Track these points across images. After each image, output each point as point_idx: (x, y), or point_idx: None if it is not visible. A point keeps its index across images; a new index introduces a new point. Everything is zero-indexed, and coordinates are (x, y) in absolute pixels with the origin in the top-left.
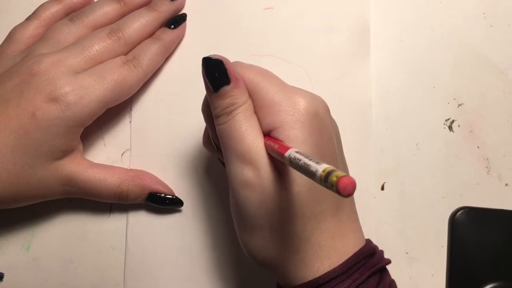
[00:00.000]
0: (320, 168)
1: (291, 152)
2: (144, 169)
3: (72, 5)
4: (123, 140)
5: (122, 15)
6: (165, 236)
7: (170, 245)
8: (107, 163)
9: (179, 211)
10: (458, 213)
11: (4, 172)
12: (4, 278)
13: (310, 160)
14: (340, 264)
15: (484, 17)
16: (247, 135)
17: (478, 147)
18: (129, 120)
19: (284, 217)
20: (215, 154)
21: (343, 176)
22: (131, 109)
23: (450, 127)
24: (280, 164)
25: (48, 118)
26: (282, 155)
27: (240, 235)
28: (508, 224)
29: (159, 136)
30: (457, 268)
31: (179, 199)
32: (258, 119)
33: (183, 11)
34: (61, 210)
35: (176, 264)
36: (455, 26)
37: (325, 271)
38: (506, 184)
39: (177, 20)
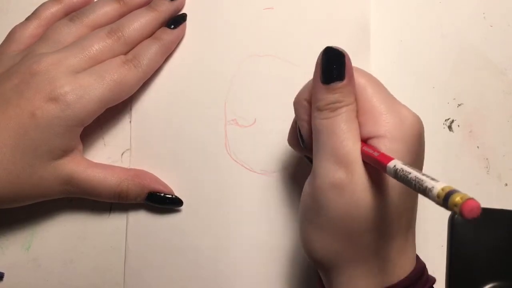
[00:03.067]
0: (438, 185)
1: (397, 163)
2: (144, 169)
3: (72, 5)
4: (123, 140)
5: (122, 15)
6: (165, 236)
7: (170, 245)
8: (107, 163)
9: (179, 211)
10: None
11: (4, 172)
12: (4, 278)
13: (422, 174)
14: (399, 282)
15: (484, 17)
16: (349, 137)
17: (478, 147)
18: (129, 120)
19: (365, 227)
20: (300, 152)
21: (469, 199)
22: (131, 109)
23: (450, 127)
24: (373, 174)
25: (48, 118)
26: (383, 164)
27: (306, 232)
28: (508, 224)
29: (159, 136)
30: (457, 268)
31: (179, 198)
32: (358, 124)
33: (183, 11)
34: (61, 210)
35: (176, 264)
36: (455, 26)
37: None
38: (506, 184)
39: (177, 20)
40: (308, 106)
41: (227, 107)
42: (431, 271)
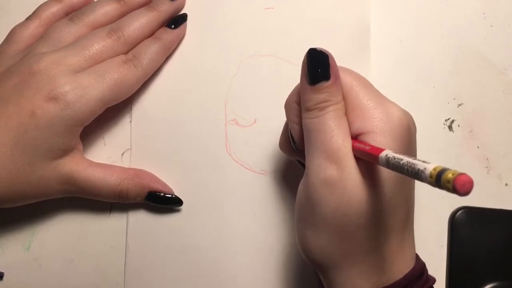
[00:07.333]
0: (430, 166)
1: (388, 152)
2: (144, 169)
3: (72, 5)
4: (123, 140)
5: (122, 15)
6: (165, 236)
7: (170, 245)
8: (107, 163)
9: (179, 210)
10: (458, 213)
11: (4, 171)
12: (4, 278)
13: (414, 159)
14: (397, 281)
15: (484, 17)
16: (338, 133)
17: (478, 147)
18: (129, 119)
19: (358, 223)
20: (291, 156)
21: (461, 174)
22: (131, 109)
23: (450, 127)
24: (365, 170)
25: (48, 117)
26: (375, 156)
27: (302, 231)
28: (508, 224)
29: (159, 136)
30: (457, 268)
31: (178, 198)
32: (348, 121)
33: (183, 11)
34: (61, 210)
35: (176, 264)
36: (455, 26)
37: (382, 287)
38: (506, 184)
39: (177, 20)
40: (298, 108)
41: (227, 107)
42: (431, 271)
